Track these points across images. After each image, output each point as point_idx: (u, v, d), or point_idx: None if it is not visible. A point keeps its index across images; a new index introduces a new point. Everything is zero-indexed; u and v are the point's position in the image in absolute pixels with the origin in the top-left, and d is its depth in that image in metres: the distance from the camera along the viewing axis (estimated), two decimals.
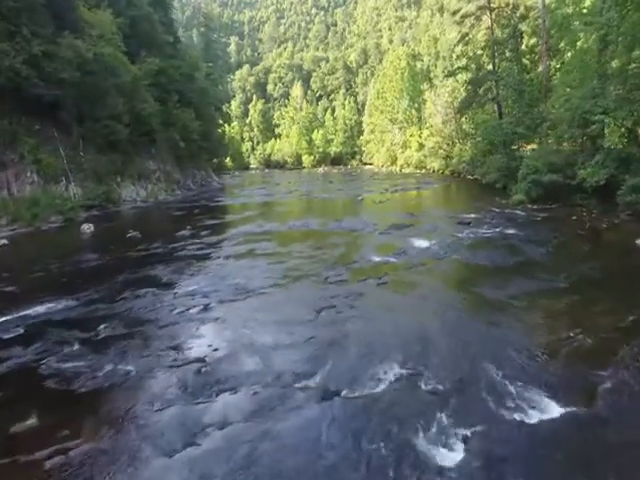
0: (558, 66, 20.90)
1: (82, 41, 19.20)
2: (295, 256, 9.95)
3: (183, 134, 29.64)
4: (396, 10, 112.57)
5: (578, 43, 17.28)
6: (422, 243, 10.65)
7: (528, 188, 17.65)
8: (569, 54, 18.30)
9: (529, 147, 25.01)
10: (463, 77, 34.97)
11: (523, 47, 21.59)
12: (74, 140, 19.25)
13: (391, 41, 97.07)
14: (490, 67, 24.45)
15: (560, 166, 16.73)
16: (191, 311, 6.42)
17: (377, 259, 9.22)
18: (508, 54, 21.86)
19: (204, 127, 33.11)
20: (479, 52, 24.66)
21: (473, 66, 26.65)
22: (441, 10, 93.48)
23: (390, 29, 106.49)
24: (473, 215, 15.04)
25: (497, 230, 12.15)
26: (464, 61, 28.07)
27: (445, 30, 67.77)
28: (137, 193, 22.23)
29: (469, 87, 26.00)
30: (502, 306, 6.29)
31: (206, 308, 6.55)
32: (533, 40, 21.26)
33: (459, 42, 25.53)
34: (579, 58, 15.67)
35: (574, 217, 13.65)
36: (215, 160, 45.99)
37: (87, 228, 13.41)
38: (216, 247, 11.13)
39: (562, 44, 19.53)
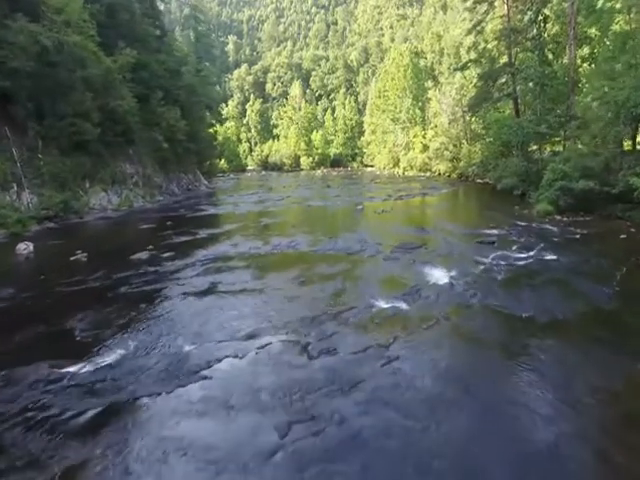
0: (586, 56, 18.39)
1: (42, 27, 16.74)
2: (271, 296, 7.43)
3: (167, 134, 27.18)
4: (398, 8, 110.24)
5: (615, 26, 14.76)
6: (440, 276, 8.10)
7: (555, 196, 15.20)
8: (603, 41, 15.75)
9: (549, 149, 22.51)
10: (472, 73, 32.53)
11: (545, 35, 18.99)
12: (31, 140, 16.75)
13: (393, 39, 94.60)
14: (505, 59, 21.92)
15: (596, 171, 14.24)
16: (76, 422, 3.87)
17: (381, 304, 6.67)
18: (528, 43, 19.29)
19: (192, 127, 30.62)
20: (493, 43, 22.08)
21: (483, 60, 24.12)
22: (444, 8, 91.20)
23: (392, 27, 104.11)
24: (495, 231, 12.53)
25: (531, 254, 9.61)
26: (475, 54, 25.54)
27: (449, 27, 65.39)
28: (109, 200, 19.71)
29: (481, 82, 23.42)
30: (594, 414, 3.76)
31: (105, 414, 4.00)
32: (556, 28, 18.72)
33: (470, 32, 22.96)
34: (621, 42, 13.14)
35: (623, 235, 11.11)
36: (208, 162, 43.52)
37: (23, 248, 10.89)
38: (173, 279, 8.59)
39: (592, 30, 17.00)
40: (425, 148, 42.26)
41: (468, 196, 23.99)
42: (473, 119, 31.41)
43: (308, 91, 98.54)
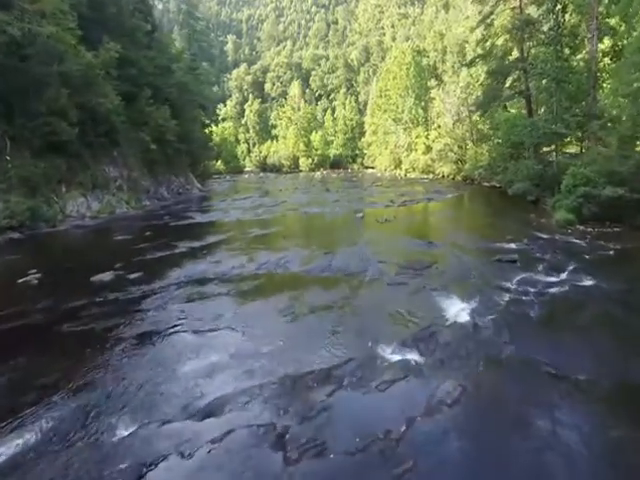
0: (607, 49, 16.85)
1: (11, 16, 15.22)
2: (248, 338, 5.91)
3: (156, 135, 25.64)
4: (399, 7, 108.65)
5: None
6: (458, 310, 6.58)
7: (577, 204, 13.70)
8: (629, 32, 14.22)
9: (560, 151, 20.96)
10: (479, 70, 31.07)
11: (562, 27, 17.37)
12: None
13: (394, 38, 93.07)
14: (516, 54, 20.38)
15: (625, 176, 12.70)
16: None
17: (386, 356, 5.16)
18: (542, 36, 17.71)
19: (183, 127, 29.09)
20: (503, 37, 20.50)
21: (492, 56, 22.55)
22: (446, 6, 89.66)
23: (393, 26, 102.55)
24: (513, 245, 11.04)
25: (564, 278, 8.09)
26: (481, 49, 23.99)
27: (451, 26, 63.84)
28: (88, 206, 18.17)
29: (490, 80, 21.86)
30: None
31: None
32: (574, 18, 17.16)
33: (478, 25, 21.40)
34: None
35: None
36: (202, 164, 42.04)
37: None
38: (132, 312, 7.05)
39: (613, 20, 15.48)
40: (428, 149, 40.70)
41: (477, 202, 22.42)
42: (479, 119, 29.87)
43: (308, 91, 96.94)
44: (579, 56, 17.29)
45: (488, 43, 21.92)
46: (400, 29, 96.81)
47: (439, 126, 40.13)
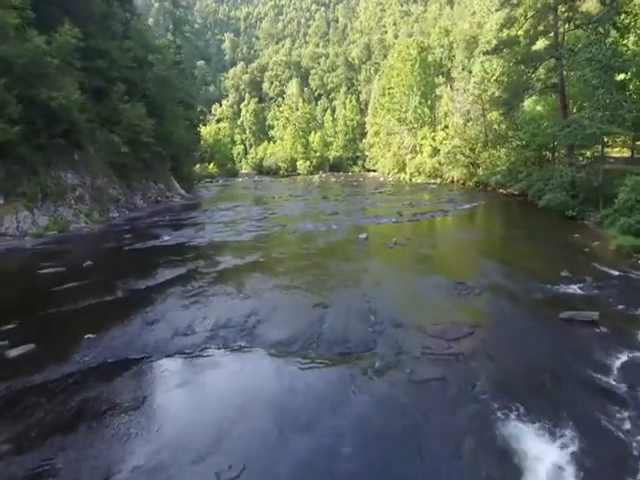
0: None
1: None
2: None
3: (130, 135, 22.49)
4: (401, 5, 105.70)
5: None
6: (548, 464, 3.42)
7: None
8: None
9: (589, 153, 17.76)
10: (494, 64, 27.96)
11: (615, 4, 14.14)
12: None
13: (396, 36, 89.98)
14: (546, 41, 17.20)
15: None
16: None
17: None
18: (579, 16, 14.52)
19: (164, 127, 25.92)
20: (533, 19, 17.28)
21: (520, 41, 19.26)
22: (451, 3, 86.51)
23: (395, 24, 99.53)
24: (575, 286, 8.06)
25: None
26: (501, 37, 20.81)
27: (457, 22, 60.69)
28: (34, 222, 15.03)
29: (515, 72, 18.69)
30: None
31: None
32: None
33: (503, 5, 18.19)
34: None
35: None
36: (191, 167, 38.94)
37: None
38: None
39: None
40: (435, 152, 37.52)
41: (501, 215, 19.12)
42: (495, 118, 26.66)
43: (307, 90, 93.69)
44: (631, 38, 14.11)
45: (516, 25, 18.55)
46: (402, 26, 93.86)
47: (447, 126, 37.06)
